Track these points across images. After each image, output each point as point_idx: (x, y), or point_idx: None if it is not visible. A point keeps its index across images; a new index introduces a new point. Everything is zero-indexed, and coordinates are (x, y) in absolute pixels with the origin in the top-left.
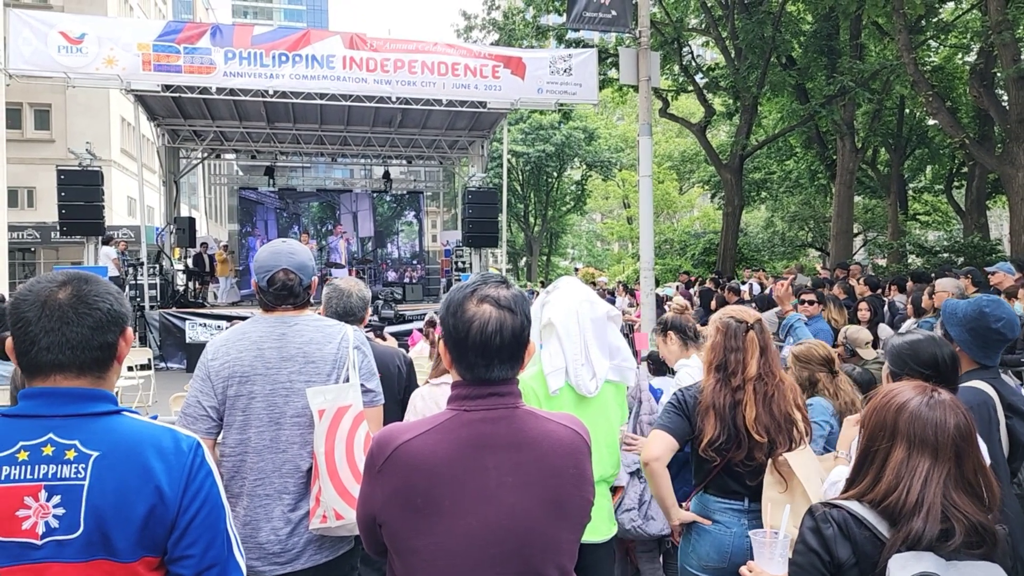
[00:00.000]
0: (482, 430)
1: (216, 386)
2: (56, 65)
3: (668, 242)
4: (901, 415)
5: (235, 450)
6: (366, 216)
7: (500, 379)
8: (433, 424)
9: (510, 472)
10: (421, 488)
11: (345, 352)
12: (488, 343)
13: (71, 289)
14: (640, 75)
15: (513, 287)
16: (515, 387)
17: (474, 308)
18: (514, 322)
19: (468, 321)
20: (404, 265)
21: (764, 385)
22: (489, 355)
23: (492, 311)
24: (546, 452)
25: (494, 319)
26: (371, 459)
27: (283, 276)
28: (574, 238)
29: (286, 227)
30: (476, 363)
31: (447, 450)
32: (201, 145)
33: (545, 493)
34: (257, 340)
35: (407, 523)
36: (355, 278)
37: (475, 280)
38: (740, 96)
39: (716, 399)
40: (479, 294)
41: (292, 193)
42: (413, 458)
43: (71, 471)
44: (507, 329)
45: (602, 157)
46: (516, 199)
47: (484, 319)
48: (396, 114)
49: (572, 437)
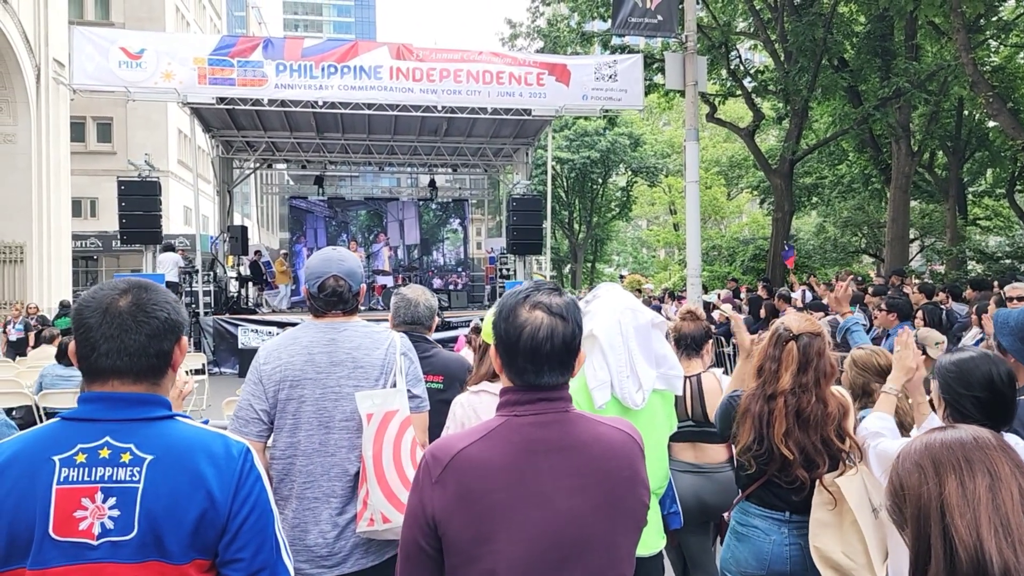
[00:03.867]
0: (534, 434)
1: (268, 389)
2: (117, 80)
3: (716, 248)
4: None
5: (285, 453)
6: (412, 224)
7: (550, 385)
8: (485, 431)
9: (565, 475)
10: (480, 495)
11: (392, 358)
12: (538, 349)
13: (131, 297)
14: (687, 80)
15: (565, 294)
16: (565, 392)
17: (526, 314)
18: (565, 329)
19: (519, 327)
20: (449, 272)
21: (797, 401)
22: (539, 361)
23: (544, 317)
24: (599, 455)
25: (545, 325)
26: (425, 470)
27: (333, 282)
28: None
29: (335, 235)
30: (526, 368)
31: (502, 456)
32: (253, 155)
33: (600, 496)
34: (308, 345)
35: (469, 532)
36: (421, 286)
37: (528, 286)
38: (790, 100)
39: (752, 404)
40: (531, 300)
41: (341, 202)
42: (471, 465)
43: (126, 474)
44: (558, 336)
45: (648, 163)
46: (560, 206)
47: (535, 325)
48: (442, 123)
49: (624, 439)
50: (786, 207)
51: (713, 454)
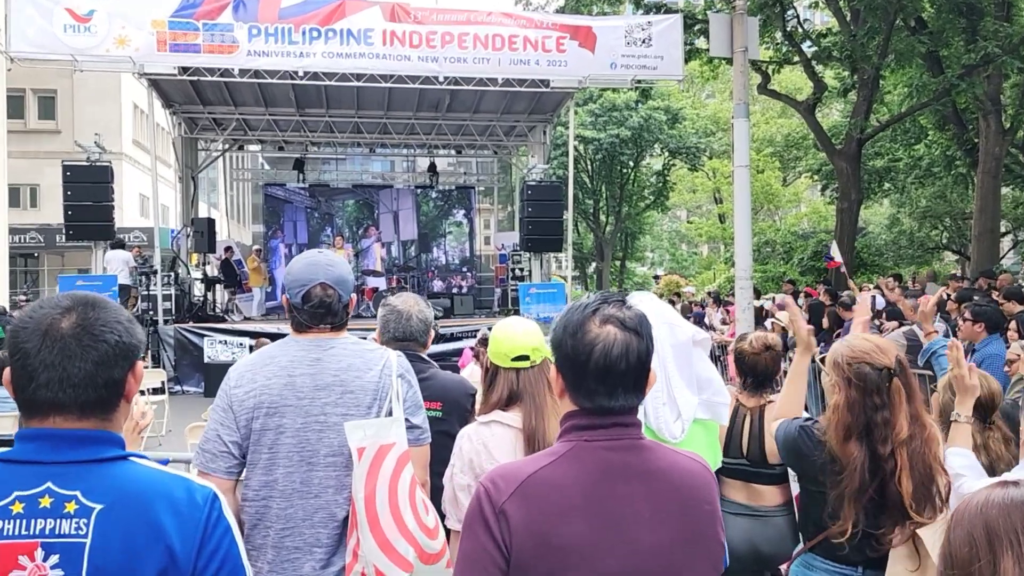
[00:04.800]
0: (610, 459)
1: (239, 418)
2: (62, 46)
3: (769, 244)
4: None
5: (259, 494)
6: (408, 216)
7: (623, 408)
8: (554, 456)
9: (644, 504)
10: (557, 525)
11: (388, 381)
12: (612, 368)
13: (76, 317)
14: (735, 45)
15: (635, 307)
16: (637, 418)
17: (597, 329)
18: (639, 346)
19: (590, 344)
20: (452, 272)
21: (915, 444)
22: (612, 382)
23: (617, 333)
24: (678, 484)
25: (619, 342)
26: (486, 500)
27: (320, 292)
28: (654, 240)
29: (317, 229)
30: (597, 390)
31: (577, 480)
32: (222, 135)
33: (682, 528)
34: (287, 365)
35: (544, 565)
36: (414, 295)
37: (594, 299)
38: (857, 68)
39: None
40: (602, 314)
41: (324, 190)
42: (545, 490)
43: (71, 527)
44: (632, 353)
45: (688, 143)
46: (584, 194)
47: (608, 342)
48: (444, 96)
49: (702, 471)
50: (853, 195)
51: (769, 496)
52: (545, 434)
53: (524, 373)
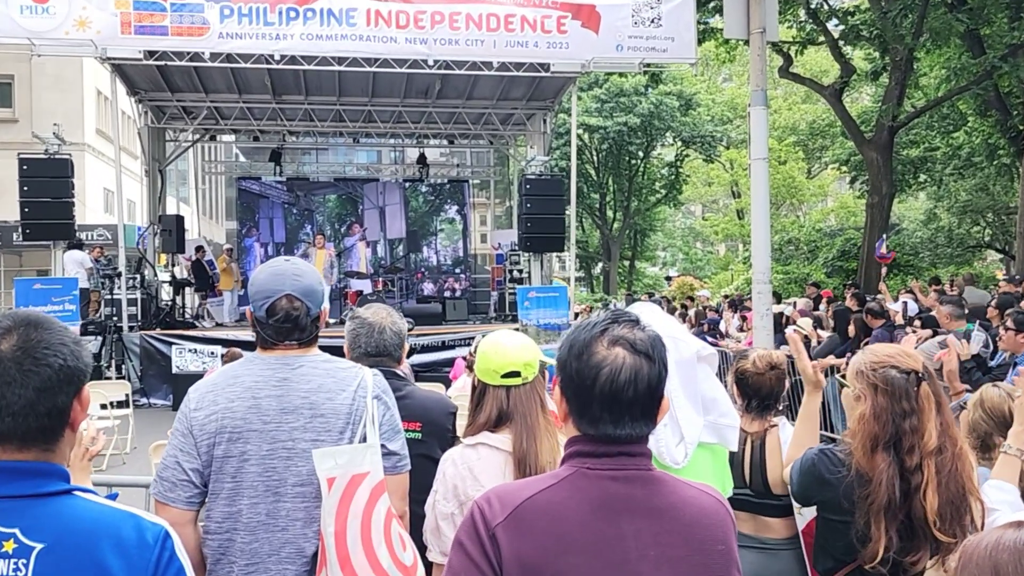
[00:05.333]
0: (614, 490)
1: (200, 443)
2: (18, 29)
3: (792, 243)
4: (998, 559)
5: (222, 526)
6: (396, 212)
7: (630, 438)
8: (554, 480)
9: (651, 543)
10: (553, 556)
11: (362, 403)
12: (619, 395)
13: (16, 339)
14: (751, 26)
15: (648, 328)
16: (647, 448)
17: (604, 351)
18: (650, 371)
19: (596, 367)
20: (444, 274)
21: (944, 457)
22: (619, 409)
23: (626, 356)
24: (690, 522)
25: (628, 366)
26: (480, 521)
27: (286, 304)
28: (666, 238)
29: (296, 226)
30: (601, 417)
31: (577, 511)
32: (192, 125)
33: (692, 571)
34: (252, 386)
35: None
36: (385, 306)
37: (603, 318)
38: (889, 48)
39: (891, 492)
40: (611, 335)
41: (304, 183)
42: (541, 517)
43: (9, 567)
44: (642, 379)
45: (703, 131)
46: (589, 187)
47: (616, 365)
48: (434, 82)
49: (717, 507)
50: (884, 188)
51: (777, 528)
52: (537, 458)
53: (515, 391)
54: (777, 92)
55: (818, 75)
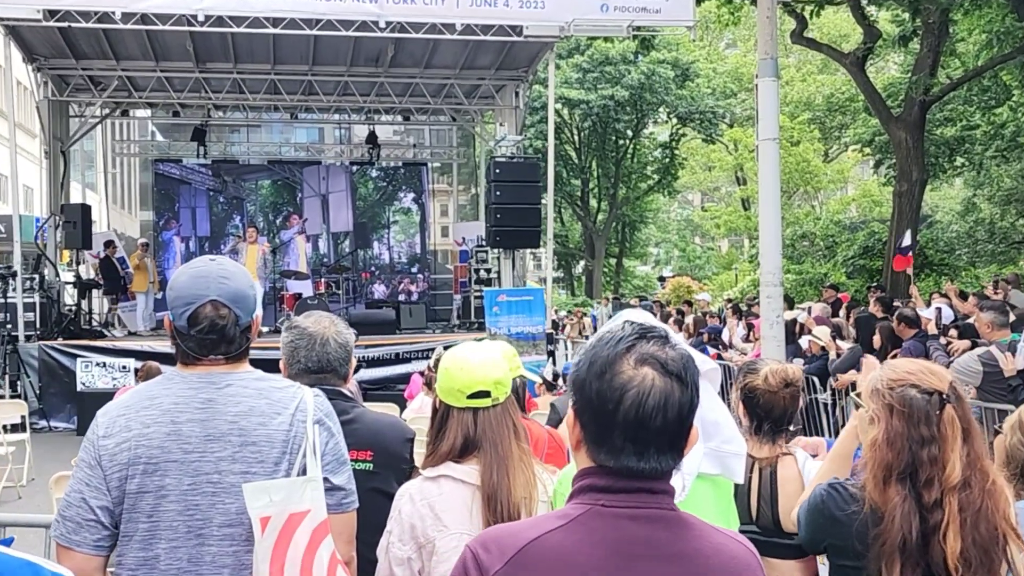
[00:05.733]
0: (633, 532)
1: (109, 477)
2: None
3: (806, 237)
4: None
5: (136, 574)
6: (341, 201)
7: (654, 472)
8: (563, 520)
9: None
10: None
11: (301, 429)
12: (645, 422)
13: None
14: None
15: (679, 346)
16: (670, 485)
17: (631, 371)
18: (682, 396)
19: (620, 389)
20: (399, 274)
21: (971, 494)
22: (644, 439)
23: (655, 378)
24: (718, 570)
25: (657, 389)
26: (474, 568)
27: (212, 312)
28: (659, 231)
29: (223, 217)
30: (623, 448)
31: (591, 555)
32: (101, 98)
33: None
34: (171, 409)
35: None
36: (328, 314)
37: (630, 331)
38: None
39: (905, 530)
40: (639, 353)
41: (232, 167)
42: (548, 564)
43: None
44: (673, 405)
45: (702, 106)
46: (570, 172)
47: (643, 388)
48: (386, 47)
49: (747, 556)
50: (914, 174)
51: (789, 572)
52: (510, 493)
53: (484, 414)
54: (789, 60)
55: (837, 40)
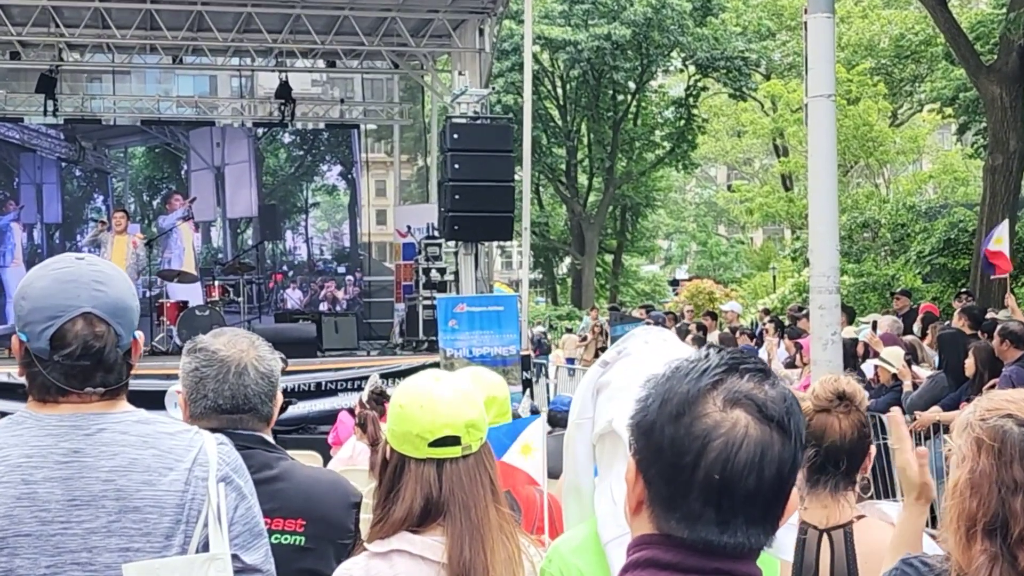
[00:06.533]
0: None
1: None
2: None
3: (868, 227)
4: None
5: None
6: (241, 175)
7: (739, 549)
8: None
9: None
10: None
11: (202, 489)
12: (733, 482)
13: None
14: None
15: (780, 383)
16: (756, 567)
17: (717, 414)
18: (783, 450)
19: (703, 437)
20: (320, 275)
21: None
22: (730, 505)
23: (749, 425)
24: None
25: (751, 440)
26: None
27: (85, 330)
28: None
29: (80, 197)
30: (702, 515)
31: None
32: None
33: None
34: (21, 464)
35: None
36: (245, 332)
37: (716, 360)
38: None
39: None
40: (729, 390)
41: (93, 129)
42: None
43: None
44: (771, 461)
45: (728, 50)
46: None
47: (733, 438)
48: None
49: None
50: (1012, 143)
51: None
52: (488, 573)
53: (451, 468)
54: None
55: None
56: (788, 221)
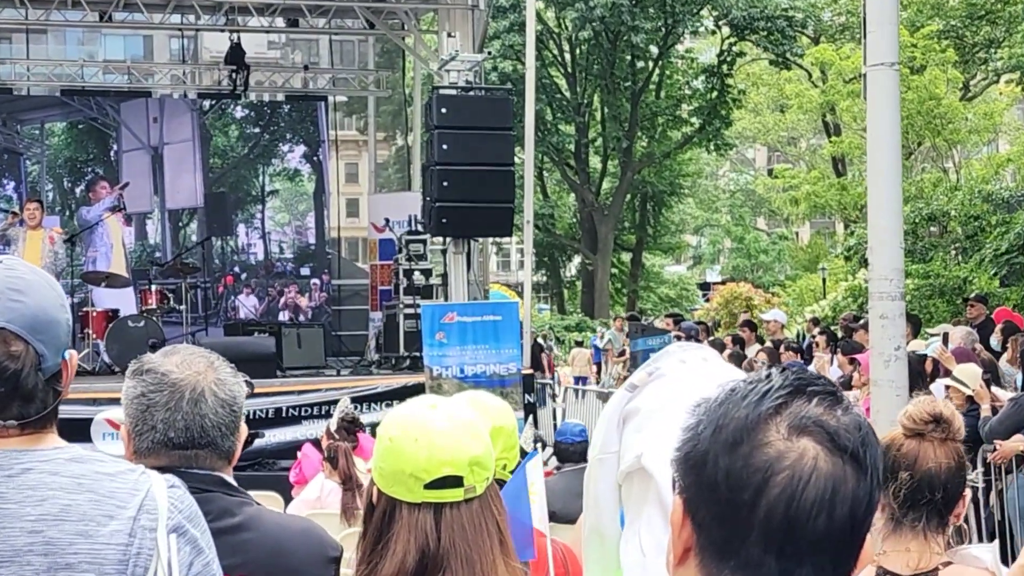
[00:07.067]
0: None
1: None
2: None
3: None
4: None
5: None
6: (185, 155)
7: None
8: None
9: None
10: None
11: (149, 542)
12: (800, 524)
13: None
14: None
15: (854, 409)
16: None
17: (782, 444)
18: (857, 487)
19: (764, 469)
20: (280, 278)
21: None
22: (797, 551)
23: (818, 456)
24: None
25: (822, 475)
26: None
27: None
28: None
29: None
30: (762, 562)
31: None
32: None
33: None
34: None
35: None
36: (201, 349)
37: (778, 380)
38: None
39: None
40: (794, 415)
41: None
42: None
43: None
44: (843, 500)
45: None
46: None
47: (800, 472)
48: None
49: None
50: None
51: None
52: None
53: (452, 514)
54: None
55: None
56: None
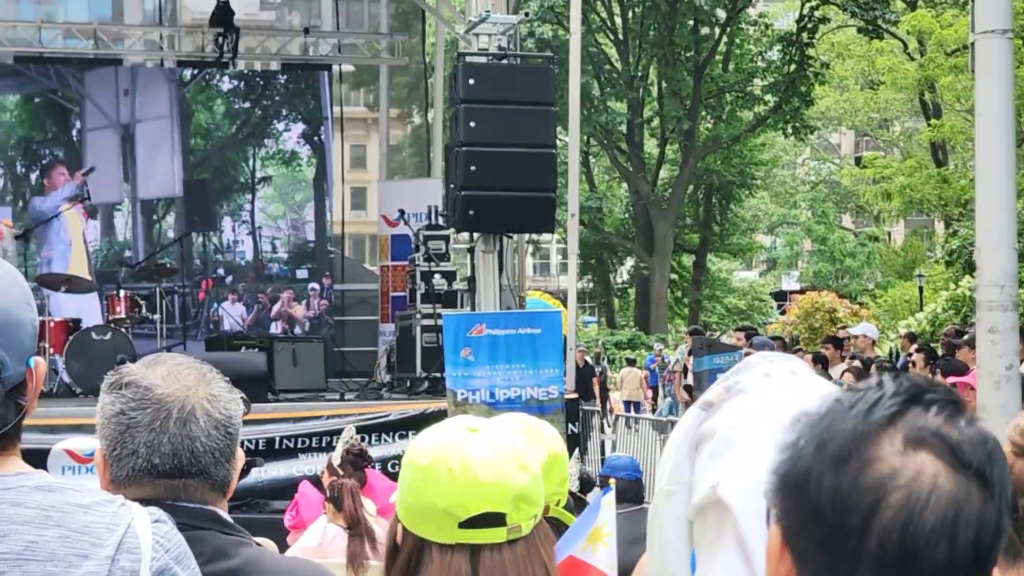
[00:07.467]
0: None
1: None
2: None
3: None
4: None
5: None
6: (161, 135)
7: None
8: None
9: None
10: None
11: None
12: (918, 552)
13: None
14: None
15: (977, 418)
16: None
17: (897, 459)
18: (983, 509)
19: (877, 488)
20: (273, 282)
21: None
22: None
23: (940, 473)
24: None
25: (944, 495)
26: None
27: None
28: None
29: None
30: None
31: None
32: None
33: None
34: None
35: None
36: (189, 360)
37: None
38: None
39: None
40: (911, 427)
41: None
42: None
43: None
44: (967, 524)
45: None
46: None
47: (919, 492)
48: None
49: None
50: None
51: None
52: None
53: (492, 558)
54: None
55: None
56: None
